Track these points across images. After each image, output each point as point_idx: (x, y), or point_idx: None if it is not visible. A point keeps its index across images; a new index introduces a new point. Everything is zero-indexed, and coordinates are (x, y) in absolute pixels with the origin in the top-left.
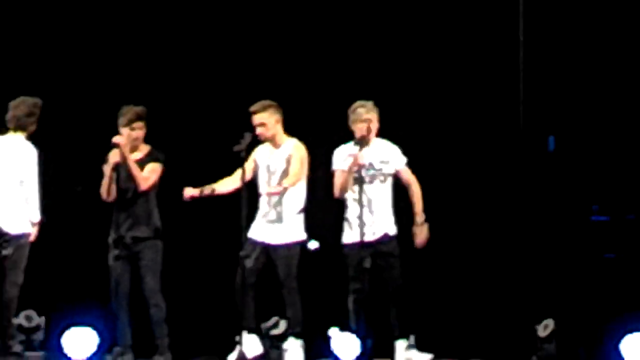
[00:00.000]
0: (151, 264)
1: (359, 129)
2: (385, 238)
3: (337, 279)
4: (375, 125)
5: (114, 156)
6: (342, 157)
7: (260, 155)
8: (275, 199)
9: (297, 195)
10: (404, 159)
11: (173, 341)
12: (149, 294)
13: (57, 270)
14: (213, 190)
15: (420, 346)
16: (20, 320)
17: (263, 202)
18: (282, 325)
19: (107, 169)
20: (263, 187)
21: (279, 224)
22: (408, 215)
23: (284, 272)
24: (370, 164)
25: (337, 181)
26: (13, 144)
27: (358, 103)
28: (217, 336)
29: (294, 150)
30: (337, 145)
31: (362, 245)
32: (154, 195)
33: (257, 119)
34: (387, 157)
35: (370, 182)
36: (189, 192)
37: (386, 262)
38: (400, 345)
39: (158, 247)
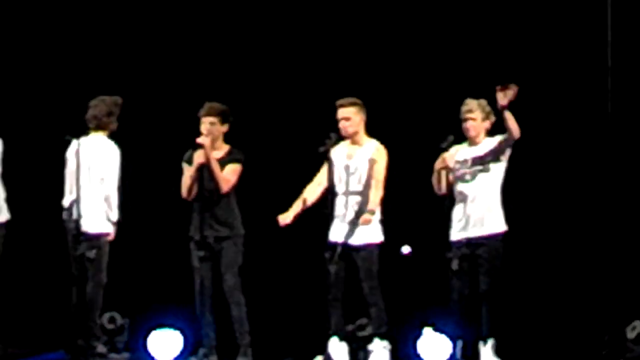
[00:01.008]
0: (231, 262)
1: (463, 127)
2: (480, 238)
3: (427, 279)
4: (478, 125)
5: (198, 157)
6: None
7: (338, 154)
8: (353, 199)
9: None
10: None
11: (259, 344)
12: (229, 292)
13: (140, 271)
14: (305, 202)
15: (505, 350)
16: (103, 321)
17: (340, 203)
18: (369, 327)
19: (191, 169)
20: (340, 187)
21: (357, 226)
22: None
23: (365, 272)
24: (473, 160)
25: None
26: (94, 144)
27: (466, 101)
28: (303, 339)
29: (377, 154)
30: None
31: (452, 245)
32: (234, 194)
33: (342, 113)
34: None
35: (466, 180)
36: (284, 219)
37: (478, 265)
38: (487, 348)
39: (238, 246)
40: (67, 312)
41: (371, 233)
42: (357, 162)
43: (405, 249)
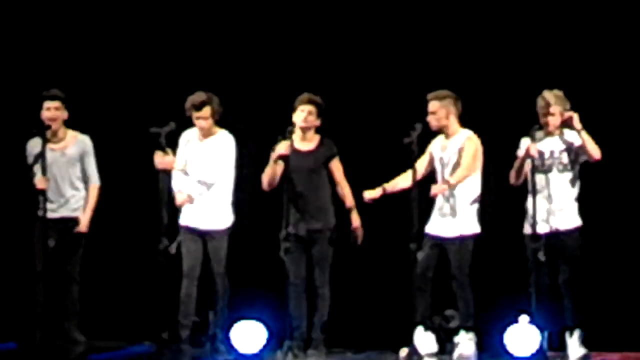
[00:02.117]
0: (322, 255)
1: (540, 118)
2: (562, 231)
3: (515, 271)
4: (557, 118)
5: (280, 147)
6: (524, 145)
7: (435, 148)
8: (448, 192)
9: (471, 188)
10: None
11: (344, 333)
12: (317, 285)
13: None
14: (395, 186)
15: (591, 340)
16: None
17: (439, 195)
18: (456, 318)
19: (272, 158)
20: (439, 181)
21: (452, 217)
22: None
23: (456, 265)
24: (551, 153)
25: (515, 166)
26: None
27: (543, 93)
28: (388, 330)
29: (467, 142)
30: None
31: (535, 236)
32: (329, 186)
33: (429, 107)
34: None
35: (547, 171)
36: (369, 195)
37: (560, 255)
38: (573, 339)
39: (330, 240)
40: (154, 305)
41: (465, 225)
42: (448, 155)
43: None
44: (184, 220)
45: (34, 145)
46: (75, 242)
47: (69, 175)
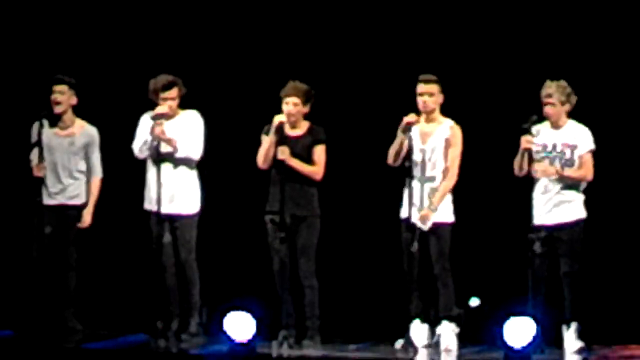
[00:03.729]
0: (307, 244)
1: (544, 109)
2: (563, 224)
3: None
4: (558, 108)
5: (277, 118)
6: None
7: (413, 134)
8: (428, 186)
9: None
10: (589, 146)
11: (341, 325)
12: (302, 276)
13: (216, 252)
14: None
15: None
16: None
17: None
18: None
19: (269, 139)
20: (417, 170)
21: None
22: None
23: (437, 253)
24: (554, 146)
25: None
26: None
27: (545, 83)
28: (385, 322)
29: (454, 132)
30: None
31: (533, 228)
32: None
33: (426, 88)
34: (574, 140)
35: (550, 164)
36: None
37: (560, 248)
38: (570, 332)
39: (315, 228)
40: (147, 295)
41: (443, 213)
42: (434, 142)
43: (474, 302)
44: (150, 204)
45: (35, 131)
46: (72, 230)
47: (70, 164)
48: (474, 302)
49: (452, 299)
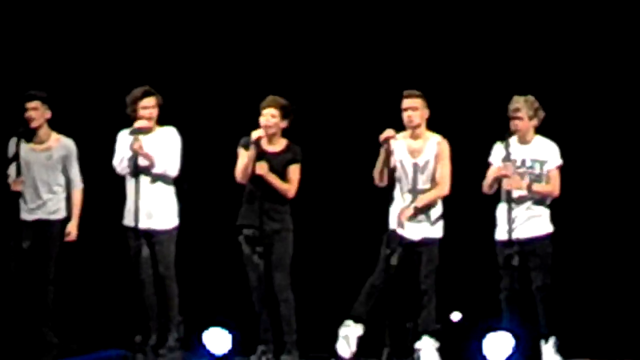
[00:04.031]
0: (281, 257)
1: (510, 123)
2: (534, 238)
3: (488, 276)
4: (526, 123)
5: (256, 133)
6: (497, 152)
7: (401, 151)
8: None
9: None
10: (557, 162)
11: (313, 338)
12: (278, 289)
13: (194, 267)
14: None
15: (569, 348)
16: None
17: (407, 198)
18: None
19: (248, 154)
20: (406, 183)
21: (426, 221)
22: (564, 214)
23: (427, 268)
24: (523, 162)
25: (488, 175)
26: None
27: (513, 98)
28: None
29: (441, 147)
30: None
31: (509, 242)
32: None
33: (410, 102)
34: (543, 156)
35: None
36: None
37: (532, 262)
38: (548, 346)
39: (289, 241)
40: (126, 310)
41: (435, 228)
42: (425, 158)
43: (455, 317)
44: (128, 220)
45: (12, 146)
46: (51, 245)
47: (48, 179)
48: (456, 316)
49: (433, 314)
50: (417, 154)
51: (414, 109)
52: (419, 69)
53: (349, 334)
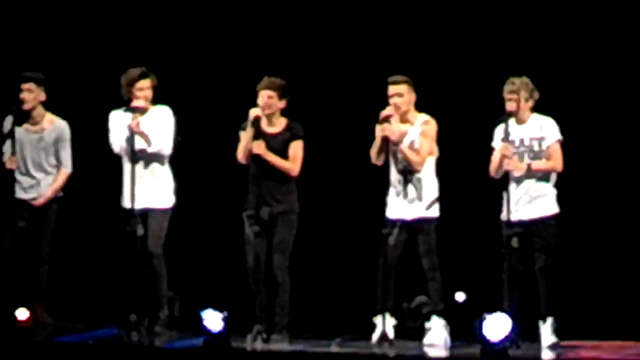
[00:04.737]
0: (284, 240)
1: (507, 105)
2: (538, 219)
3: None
4: (523, 103)
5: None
6: (499, 136)
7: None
8: (412, 176)
9: (433, 171)
10: (556, 136)
11: (310, 320)
12: (276, 270)
13: (194, 246)
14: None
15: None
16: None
17: (398, 180)
18: (428, 304)
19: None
20: (397, 165)
21: (419, 201)
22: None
23: (426, 248)
24: (521, 141)
25: (492, 159)
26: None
27: (509, 79)
28: (352, 317)
29: (426, 126)
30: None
31: (509, 223)
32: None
33: (395, 89)
34: (541, 133)
35: (520, 160)
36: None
37: (535, 243)
38: (546, 326)
39: (292, 224)
40: (121, 287)
41: (429, 209)
42: (409, 138)
43: (460, 297)
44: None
45: (8, 124)
46: (45, 224)
47: (41, 159)
48: (460, 296)
49: (439, 294)
50: (404, 136)
51: (400, 95)
52: (416, 48)
53: (385, 325)
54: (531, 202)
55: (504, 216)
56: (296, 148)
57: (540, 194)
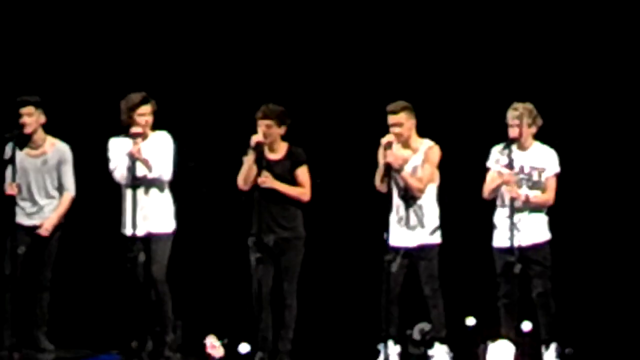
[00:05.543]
0: (291, 266)
1: (510, 131)
2: (534, 245)
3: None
4: (526, 129)
5: (256, 136)
6: (495, 156)
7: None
8: (413, 203)
9: (434, 198)
10: (555, 170)
11: (313, 347)
12: (284, 295)
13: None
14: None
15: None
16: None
17: (400, 207)
18: (430, 331)
19: (250, 159)
20: (399, 192)
21: (420, 228)
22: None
23: (428, 275)
24: (521, 168)
25: (487, 181)
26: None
27: (512, 105)
28: (354, 344)
29: (429, 152)
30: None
31: (510, 250)
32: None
33: (394, 119)
34: (541, 163)
35: (519, 187)
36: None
37: (533, 270)
38: (549, 353)
39: (299, 250)
40: (122, 314)
41: (433, 235)
42: (412, 164)
43: (471, 322)
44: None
45: (8, 150)
46: (47, 250)
47: (44, 184)
48: (470, 321)
49: (442, 320)
50: (406, 162)
51: (399, 125)
52: (418, 73)
53: (389, 352)
54: (529, 228)
55: (499, 242)
56: (303, 174)
57: (534, 222)
